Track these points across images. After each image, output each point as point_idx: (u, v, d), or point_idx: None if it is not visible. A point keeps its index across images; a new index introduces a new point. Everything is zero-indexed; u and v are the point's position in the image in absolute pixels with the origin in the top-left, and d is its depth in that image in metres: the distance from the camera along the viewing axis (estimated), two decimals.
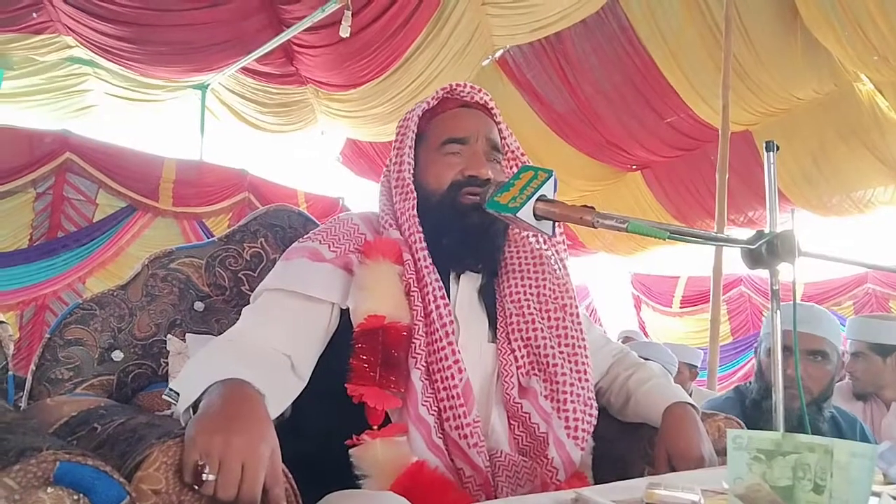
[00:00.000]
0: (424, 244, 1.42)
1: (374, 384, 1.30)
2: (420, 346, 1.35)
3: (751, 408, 2.31)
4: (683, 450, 1.41)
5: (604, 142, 7.88)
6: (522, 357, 1.45)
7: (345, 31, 5.75)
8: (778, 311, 1.12)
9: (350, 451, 1.28)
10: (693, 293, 10.98)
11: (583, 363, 1.47)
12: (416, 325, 1.36)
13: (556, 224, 1.38)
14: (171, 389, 1.16)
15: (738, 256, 1.16)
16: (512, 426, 1.41)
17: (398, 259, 1.41)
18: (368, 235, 1.48)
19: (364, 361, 1.32)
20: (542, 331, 1.47)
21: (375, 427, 1.29)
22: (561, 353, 1.46)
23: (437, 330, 1.36)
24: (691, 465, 1.39)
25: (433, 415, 1.32)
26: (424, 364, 1.35)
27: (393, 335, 1.33)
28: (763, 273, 1.13)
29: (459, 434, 1.31)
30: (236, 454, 0.95)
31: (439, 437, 1.32)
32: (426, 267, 1.41)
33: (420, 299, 1.38)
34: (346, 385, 1.30)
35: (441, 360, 1.35)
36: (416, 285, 1.39)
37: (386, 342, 1.33)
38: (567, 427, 1.39)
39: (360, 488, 1.25)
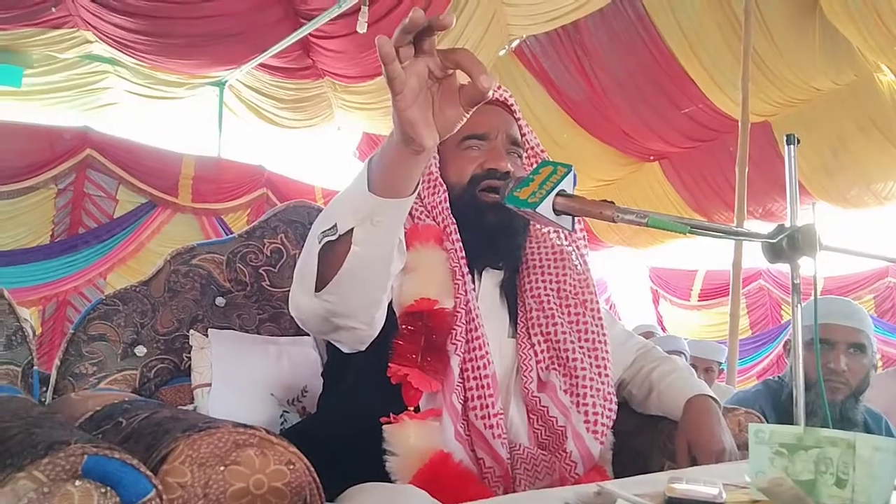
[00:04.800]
0: (458, 235, 1.44)
1: (416, 366, 1.31)
2: (460, 333, 1.36)
3: (787, 401, 2.31)
4: (705, 441, 1.41)
5: (621, 132, 7.85)
6: (542, 352, 1.45)
7: (361, 27, 5.75)
8: (799, 306, 1.11)
9: (384, 427, 1.29)
10: (711, 287, 10.91)
11: (603, 358, 1.47)
12: (458, 312, 1.37)
13: (576, 219, 1.38)
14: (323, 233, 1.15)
15: (758, 250, 1.15)
16: (531, 420, 1.41)
17: (442, 245, 1.43)
18: (406, 223, 1.49)
19: (408, 342, 1.32)
20: (562, 326, 1.47)
21: (412, 408, 1.30)
22: (581, 347, 1.46)
23: (475, 319, 1.38)
24: (712, 457, 1.39)
25: (460, 403, 1.34)
26: (462, 352, 1.36)
27: (438, 320, 1.34)
28: (783, 267, 1.12)
29: (485, 424, 1.32)
30: None
31: (462, 426, 1.33)
32: (462, 258, 1.42)
33: (462, 287, 1.39)
34: (389, 364, 1.31)
35: (475, 349, 1.36)
36: (459, 273, 1.40)
37: (430, 326, 1.33)
38: (586, 421, 1.39)
39: (385, 468, 1.26)
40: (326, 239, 1.13)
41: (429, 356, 1.32)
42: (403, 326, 1.34)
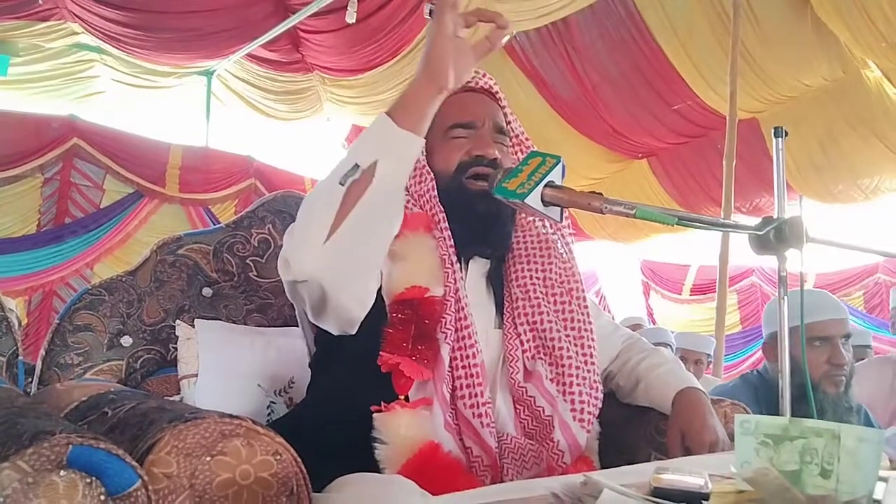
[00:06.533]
0: (447, 223, 1.44)
1: (407, 355, 1.31)
2: (450, 322, 1.36)
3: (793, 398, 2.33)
4: (697, 431, 1.41)
5: (610, 129, 7.84)
6: (528, 341, 1.45)
7: (350, 18, 5.73)
8: (785, 298, 1.12)
9: (375, 415, 1.28)
10: (704, 281, 10.98)
11: (589, 346, 1.47)
12: (448, 300, 1.37)
13: (564, 210, 1.38)
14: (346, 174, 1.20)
15: (750, 247, 1.15)
16: (517, 410, 1.41)
17: (431, 233, 1.43)
18: None
19: (399, 331, 1.32)
20: (548, 315, 1.47)
21: (402, 397, 1.30)
22: (567, 336, 1.46)
23: (464, 308, 1.38)
24: (706, 447, 1.39)
25: (449, 392, 1.34)
26: (452, 340, 1.36)
27: (428, 308, 1.34)
28: (775, 263, 1.12)
29: (474, 413, 1.32)
30: None
31: (451, 415, 1.33)
32: (451, 246, 1.42)
33: (452, 276, 1.39)
34: (380, 352, 1.31)
35: (464, 338, 1.36)
36: (448, 261, 1.40)
37: (421, 314, 1.33)
38: (573, 410, 1.39)
39: (373, 457, 1.26)
40: (351, 179, 1.19)
41: (420, 344, 1.32)
42: (394, 314, 1.34)
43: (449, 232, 1.44)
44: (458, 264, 1.43)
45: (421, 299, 1.34)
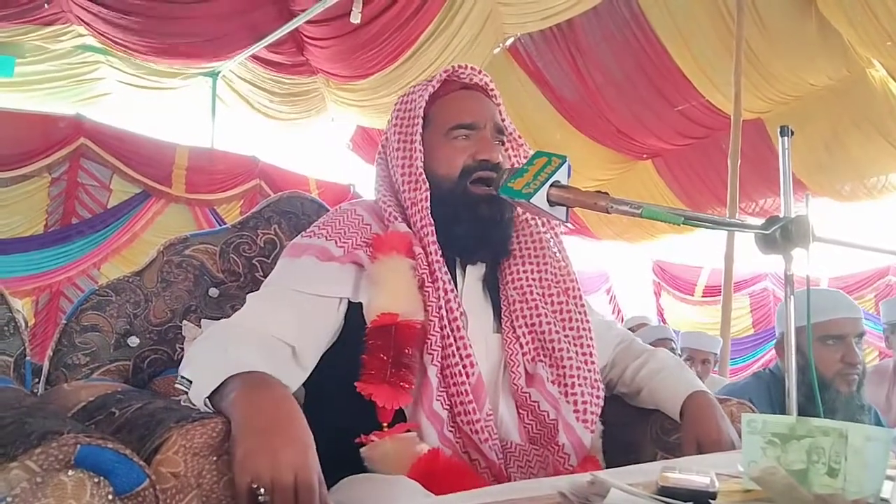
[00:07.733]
0: (435, 237, 1.41)
1: (384, 382, 1.29)
2: (435, 342, 1.34)
3: (801, 397, 2.33)
4: (713, 436, 1.41)
5: (615, 130, 7.83)
6: (527, 344, 1.45)
7: (355, 18, 5.74)
8: (792, 297, 1.12)
9: (360, 450, 1.28)
10: (717, 284, 10.98)
11: (588, 345, 1.47)
12: (431, 321, 1.35)
13: (569, 210, 1.38)
14: (182, 377, 1.17)
15: (756, 247, 1.15)
16: (521, 415, 1.41)
17: (409, 252, 1.39)
18: (375, 227, 1.45)
19: (376, 359, 1.30)
20: (546, 316, 1.46)
21: (385, 425, 1.28)
22: (566, 336, 1.46)
23: (448, 324, 1.36)
24: (723, 450, 1.39)
25: (446, 409, 1.32)
26: (440, 360, 1.34)
27: (406, 332, 1.32)
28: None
29: (471, 429, 1.31)
30: (287, 469, 0.95)
31: (450, 431, 1.32)
32: (437, 261, 1.39)
33: (434, 294, 1.37)
34: (356, 383, 1.29)
35: (452, 355, 1.34)
36: (429, 280, 1.38)
37: (399, 340, 1.31)
38: (576, 410, 1.39)
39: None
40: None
41: (398, 370, 1.30)
42: (369, 342, 1.32)
43: (437, 246, 1.41)
44: (447, 277, 1.40)
45: (395, 324, 1.32)
